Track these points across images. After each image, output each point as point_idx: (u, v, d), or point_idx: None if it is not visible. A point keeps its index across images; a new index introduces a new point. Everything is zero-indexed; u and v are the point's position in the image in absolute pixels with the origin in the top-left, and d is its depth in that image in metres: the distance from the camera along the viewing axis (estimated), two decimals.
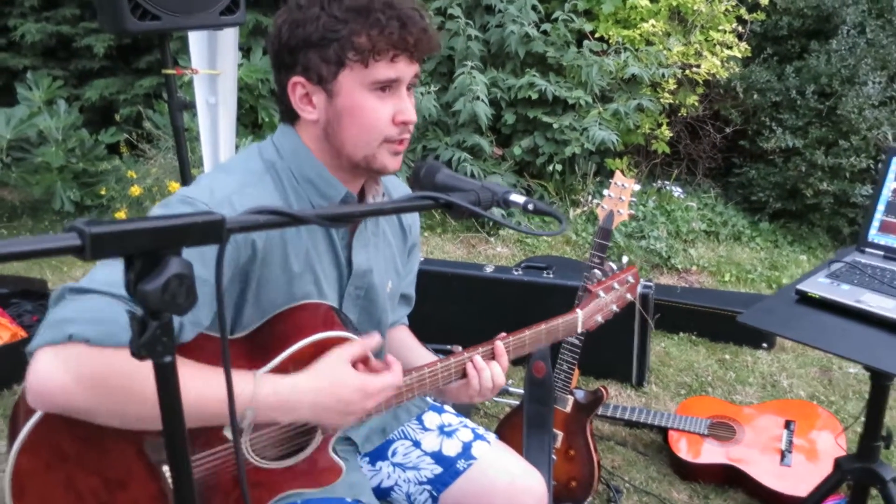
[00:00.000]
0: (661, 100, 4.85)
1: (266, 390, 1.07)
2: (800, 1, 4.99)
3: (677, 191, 5.08)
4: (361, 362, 1.19)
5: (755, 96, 4.83)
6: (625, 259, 1.79)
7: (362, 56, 1.14)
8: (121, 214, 4.40)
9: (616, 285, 1.69)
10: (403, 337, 1.56)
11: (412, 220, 1.47)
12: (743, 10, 5.00)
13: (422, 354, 1.50)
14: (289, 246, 1.19)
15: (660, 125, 5.02)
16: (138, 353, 0.65)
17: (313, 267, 1.23)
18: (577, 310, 1.59)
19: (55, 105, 5.14)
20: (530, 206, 1.05)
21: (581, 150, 4.69)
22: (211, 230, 0.66)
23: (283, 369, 1.14)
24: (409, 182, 1.17)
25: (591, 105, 4.76)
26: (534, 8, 4.80)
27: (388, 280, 1.40)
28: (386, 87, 1.18)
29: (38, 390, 0.96)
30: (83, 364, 0.96)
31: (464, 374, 1.37)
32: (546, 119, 4.71)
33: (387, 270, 1.40)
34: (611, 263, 1.74)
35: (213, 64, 3.08)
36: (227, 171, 1.21)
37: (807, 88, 4.54)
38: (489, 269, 3.18)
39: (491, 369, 1.36)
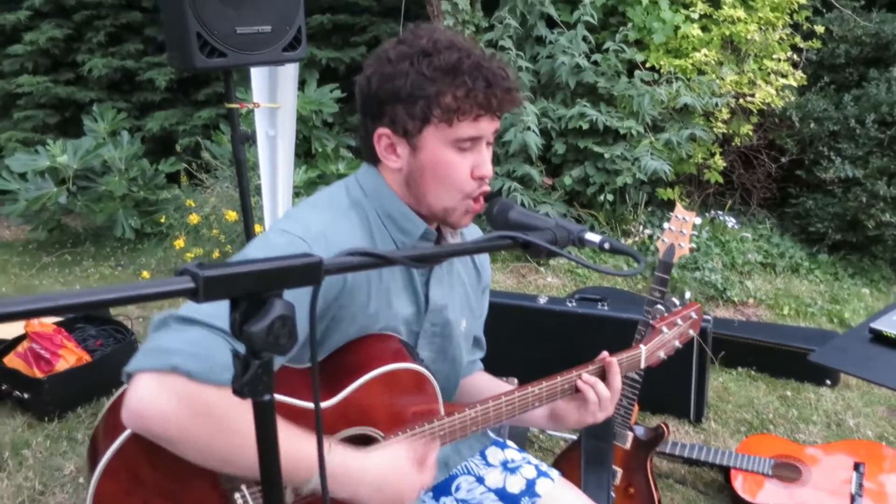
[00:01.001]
0: (715, 129, 4.80)
1: (337, 459, 1.08)
2: (857, 29, 4.91)
3: (731, 221, 4.99)
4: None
5: (812, 125, 4.74)
6: (688, 295, 1.77)
7: (447, 115, 1.18)
8: (179, 242, 4.52)
9: (679, 321, 1.66)
10: (485, 379, 1.57)
11: (485, 259, 1.49)
12: (798, 39, 4.94)
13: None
14: (372, 282, 1.23)
15: (713, 154, 4.96)
16: (240, 391, 0.67)
17: (392, 302, 1.26)
18: (641, 345, 1.57)
19: (118, 136, 5.34)
20: (606, 246, 1.05)
21: (633, 180, 4.66)
22: (310, 272, 0.68)
23: (353, 401, 1.15)
24: (484, 219, 1.19)
25: (642, 135, 4.73)
26: (584, 39, 4.82)
27: (463, 318, 1.42)
28: (467, 143, 1.21)
29: (138, 412, 0.99)
30: (183, 397, 0.98)
31: (573, 394, 1.39)
32: (597, 149, 4.70)
33: (461, 308, 1.42)
34: (674, 299, 1.71)
35: (274, 97, 3.16)
36: (316, 206, 1.26)
37: (866, 117, 4.44)
38: (543, 301, 3.17)
39: (605, 381, 1.40)
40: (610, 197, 4.73)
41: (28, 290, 4.59)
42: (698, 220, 2.16)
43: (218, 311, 1.03)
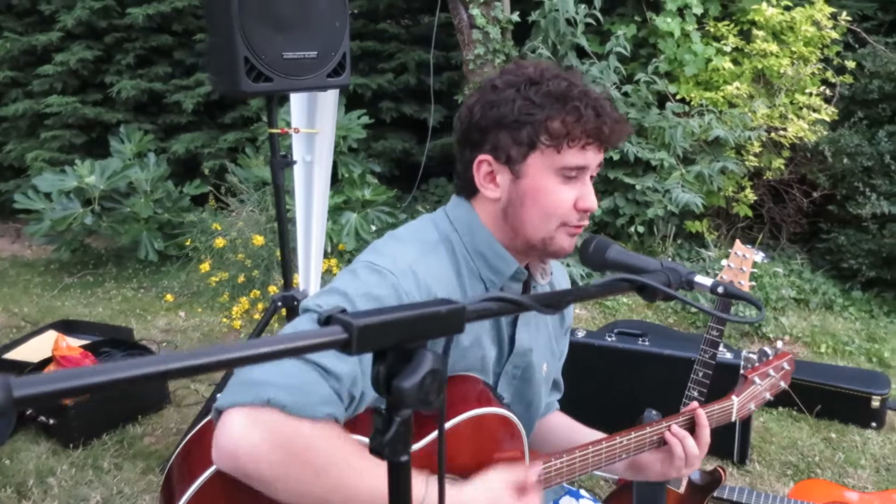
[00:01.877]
0: (747, 163, 4.75)
1: (434, 496, 1.03)
2: (891, 65, 4.88)
3: (759, 255, 4.90)
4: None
5: (845, 160, 4.69)
6: (779, 344, 1.70)
7: (556, 141, 1.14)
8: (205, 266, 4.48)
9: (772, 372, 1.60)
10: (564, 421, 1.51)
11: (571, 308, 1.43)
12: (830, 74, 4.91)
13: (591, 434, 1.44)
14: None
15: (742, 188, 4.90)
16: (379, 451, 0.61)
17: (482, 341, 1.20)
18: (733, 396, 1.50)
19: (145, 158, 5.34)
20: (720, 290, 0.99)
21: (664, 212, 4.61)
22: (454, 320, 0.63)
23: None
24: (580, 257, 1.13)
25: (673, 166, 4.69)
26: (615, 70, 4.81)
27: (545, 361, 1.36)
28: (572, 174, 1.17)
29: (229, 450, 0.93)
30: (277, 433, 0.93)
31: (659, 445, 1.33)
32: (627, 180, 4.66)
33: (544, 351, 1.36)
34: (765, 349, 1.65)
35: (312, 123, 3.14)
36: (402, 240, 1.21)
37: None
38: (581, 334, 3.10)
39: (695, 437, 1.33)
40: (640, 229, 4.68)
41: (50, 311, 4.55)
42: (759, 257, 2.10)
43: None
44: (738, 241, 2.14)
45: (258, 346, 0.51)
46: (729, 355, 2.82)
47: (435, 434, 1.10)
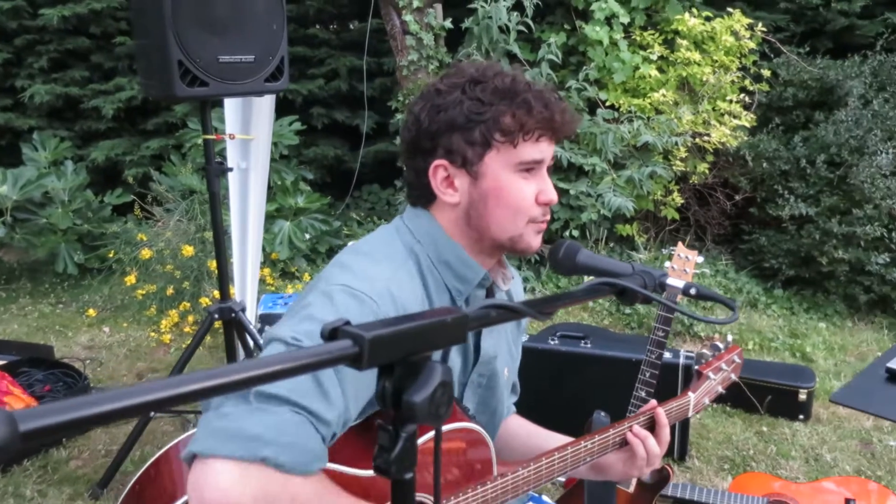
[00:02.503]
0: (674, 167, 4.91)
1: None
2: (803, 73, 5.14)
3: (701, 258, 5.07)
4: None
5: (764, 164, 4.91)
6: (729, 338, 1.74)
7: (510, 136, 1.12)
8: (130, 279, 4.28)
9: (724, 366, 1.63)
10: (523, 424, 1.48)
11: (521, 299, 1.42)
12: (748, 82, 5.13)
13: (549, 437, 1.42)
14: None
15: (670, 192, 5.06)
16: (386, 469, 0.58)
17: (448, 352, 1.17)
18: (690, 392, 1.53)
19: (62, 166, 5.07)
20: (692, 291, 1.00)
21: (597, 216, 4.70)
22: (458, 329, 0.60)
23: None
24: (549, 262, 1.12)
25: (605, 171, 4.80)
26: (547, 77, 4.88)
27: (506, 366, 1.34)
28: (530, 168, 1.16)
29: (215, 502, 0.86)
30: (269, 492, 0.88)
31: (621, 446, 1.33)
32: (561, 185, 4.73)
33: (506, 357, 1.34)
34: (717, 343, 1.68)
35: (248, 129, 3.05)
36: (371, 256, 1.15)
37: (816, 157, 4.63)
38: (523, 339, 3.11)
39: (655, 436, 1.33)
40: (575, 233, 4.76)
41: None
42: (700, 259, 2.16)
43: (303, 387, 0.93)
44: (679, 244, 2.19)
45: (267, 364, 0.47)
46: (669, 355, 2.89)
47: None
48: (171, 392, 0.42)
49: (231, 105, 2.99)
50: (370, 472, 1.03)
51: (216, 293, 3.96)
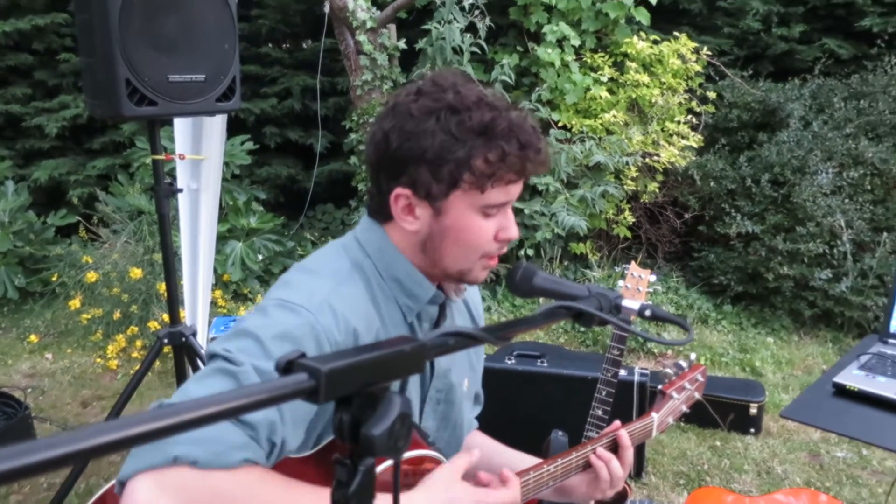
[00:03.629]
0: (625, 186, 5.00)
1: None
2: (747, 95, 5.31)
3: (654, 276, 5.16)
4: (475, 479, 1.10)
5: (712, 184, 5.04)
6: (693, 356, 1.76)
7: (479, 181, 1.08)
8: (75, 303, 4.14)
9: (687, 385, 1.65)
10: (484, 442, 1.46)
11: (480, 309, 1.41)
12: (695, 103, 5.28)
13: (513, 456, 1.41)
14: None
15: (622, 211, 5.15)
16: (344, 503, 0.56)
17: (406, 382, 1.15)
18: (653, 413, 1.53)
19: (2, 186, 4.90)
20: (647, 313, 1.00)
21: (551, 235, 4.75)
22: (416, 358, 0.59)
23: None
24: (507, 285, 1.12)
25: (559, 191, 4.86)
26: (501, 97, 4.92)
27: (466, 377, 1.33)
28: (495, 211, 1.13)
29: None
30: (190, 493, 0.84)
31: (584, 468, 1.32)
32: (516, 205, 4.73)
33: (463, 367, 1.33)
34: (680, 362, 1.70)
35: (198, 149, 2.99)
36: (313, 272, 1.13)
37: (761, 177, 4.77)
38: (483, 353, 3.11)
39: (619, 459, 1.33)
40: (530, 252, 4.80)
41: None
42: (653, 278, 2.19)
43: (214, 392, 0.89)
44: (633, 263, 2.22)
45: (213, 403, 0.45)
46: (624, 372, 2.91)
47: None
48: (102, 439, 0.40)
49: (181, 124, 2.93)
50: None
51: (165, 317, 3.86)
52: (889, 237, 4.40)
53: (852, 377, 1.75)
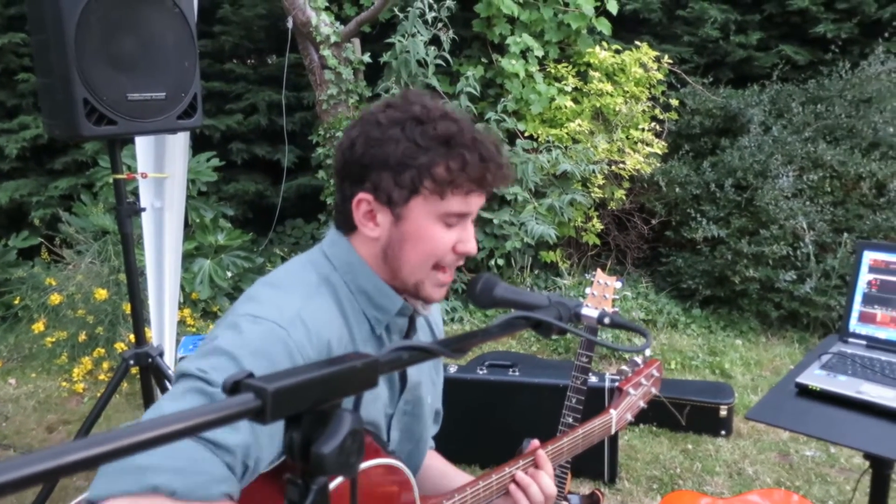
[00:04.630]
0: (592, 194, 5.05)
1: None
2: (708, 102, 5.41)
3: (619, 283, 5.20)
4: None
5: (677, 189, 5.11)
6: (648, 352, 1.77)
7: (439, 188, 1.10)
8: (38, 326, 4.06)
9: (643, 381, 1.66)
10: (436, 464, 1.45)
11: (441, 326, 1.41)
12: (658, 111, 5.36)
13: (454, 477, 1.40)
14: None
15: (590, 219, 5.20)
16: None
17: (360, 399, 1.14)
18: (611, 409, 1.55)
19: None
20: (606, 321, 1.01)
21: (521, 245, 4.77)
22: (369, 373, 0.58)
23: None
24: (468, 296, 1.12)
25: (527, 200, 4.89)
26: (466, 109, 4.95)
27: (429, 394, 1.32)
28: (454, 220, 1.14)
29: None
30: None
31: (507, 492, 1.29)
32: (485, 214, 4.79)
33: (427, 383, 1.32)
34: (635, 359, 1.71)
35: (161, 167, 2.96)
36: (281, 287, 1.13)
37: (724, 182, 4.85)
38: (452, 369, 3.11)
39: (538, 481, 1.28)
40: (500, 261, 4.81)
41: None
42: (619, 284, 2.21)
43: None
44: (599, 270, 2.24)
45: (161, 425, 0.45)
46: (594, 379, 2.93)
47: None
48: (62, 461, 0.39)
49: (143, 143, 2.90)
50: None
51: (132, 337, 3.80)
52: (849, 238, 4.50)
53: (814, 377, 1.78)
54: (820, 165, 4.69)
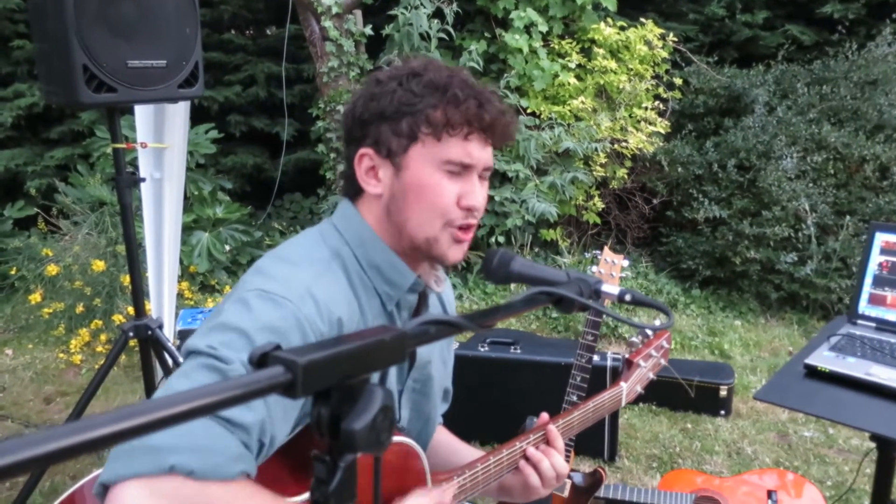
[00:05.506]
0: (594, 172, 5.01)
1: None
2: (712, 81, 5.36)
3: (626, 262, 5.19)
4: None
5: (679, 169, 5.08)
6: (657, 322, 1.75)
7: (436, 130, 1.09)
8: (35, 297, 4.03)
9: (653, 352, 1.65)
10: (445, 439, 1.44)
11: (452, 303, 1.39)
12: (661, 89, 5.31)
13: (465, 452, 1.39)
14: None
15: (591, 197, 5.17)
16: (323, 503, 0.53)
17: (386, 374, 1.12)
18: (621, 382, 1.53)
19: None
20: (627, 298, 0.99)
21: (522, 222, 4.74)
22: (397, 347, 0.56)
23: None
24: (483, 271, 1.09)
25: (528, 177, 4.85)
26: None
27: (438, 371, 1.30)
28: (457, 168, 1.11)
29: None
30: (184, 500, 0.80)
31: (517, 468, 1.27)
32: None
33: (437, 361, 1.30)
34: (646, 330, 1.69)
35: (161, 137, 2.91)
36: (291, 261, 1.10)
37: (727, 162, 4.82)
38: (454, 346, 3.09)
39: (549, 458, 1.27)
40: (501, 239, 4.79)
41: None
42: (626, 263, 2.19)
43: None
44: (606, 248, 2.22)
45: (185, 400, 0.42)
46: (596, 358, 2.92)
47: None
48: (74, 439, 0.37)
49: (142, 112, 2.84)
50: (299, 499, 0.98)
51: (130, 310, 3.77)
52: (851, 220, 4.49)
53: (823, 358, 1.77)
54: (824, 147, 4.66)
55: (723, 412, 3.37)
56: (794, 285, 4.54)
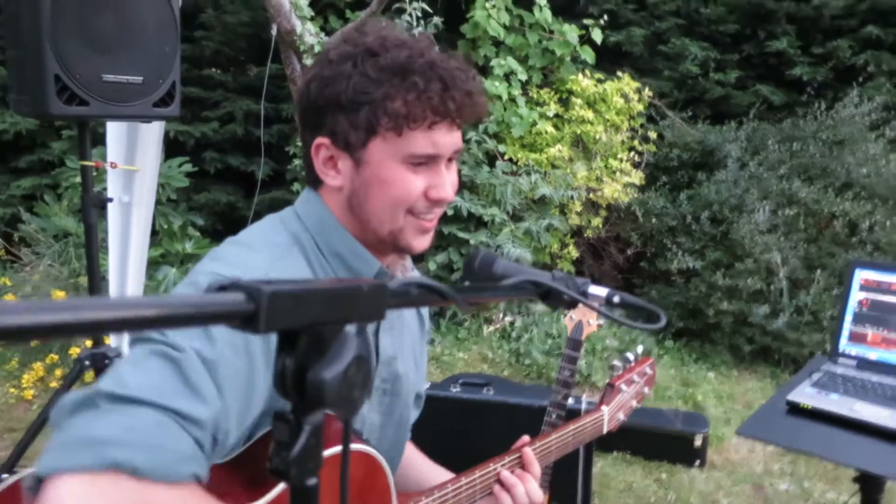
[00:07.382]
0: (570, 220, 5.02)
1: None
2: (686, 136, 5.46)
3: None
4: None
5: (653, 220, 5.11)
6: (640, 349, 1.69)
7: (396, 123, 0.98)
8: None
9: (636, 377, 1.58)
10: (413, 456, 1.35)
11: (427, 322, 1.32)
12: (637, 142, 5.38)
13: (434, 472, 1.30)
14: None
15: (566, 245, 5.16)
16: (284, 471, 0.46)
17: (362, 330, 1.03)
18: (602, 406, 1.46)
19: None
20: (616, 299, 0.94)
21: None
22: (376, 301, 0.49)
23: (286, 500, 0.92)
24: (464, 273, 1.02)
25: (504, 222, 4.84)
26: None
27: (410, 371, 1.21)
28: (422, 160, 1.02)
29: None
30: (125, 500, 0.71)
31: (491, 492, 1.19)
32: (461, 235, 4.72)
33: (408, 359, 1.21)
34: (627, 354, 1.63)
35: (132, 159, 2.84)
36: (248, 245, 1.02)
37: (700, 214, 4.86)
38: (424, 386, 3.00)
39: (525, 483, 1.19)
40: None
41: None
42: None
43: (165, 386, 0.78)
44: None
45: (152, 305, 0.35)
46: (570, 401, 2.84)
47: (281, 488, 0.91)
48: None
49: (114, 131, 2.78)
50: None
51: (89, 343, 3.62)
52: (822, 275, 4.52)
53: (805, 395, 1.73)
54: (795, 202, 4.73)
55: (697, 462, 3.29)
56: (766, 338, 4.53)
